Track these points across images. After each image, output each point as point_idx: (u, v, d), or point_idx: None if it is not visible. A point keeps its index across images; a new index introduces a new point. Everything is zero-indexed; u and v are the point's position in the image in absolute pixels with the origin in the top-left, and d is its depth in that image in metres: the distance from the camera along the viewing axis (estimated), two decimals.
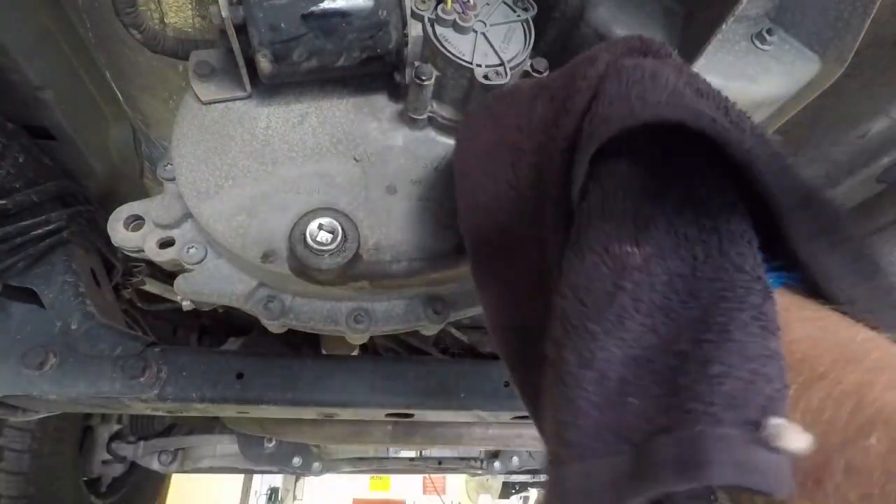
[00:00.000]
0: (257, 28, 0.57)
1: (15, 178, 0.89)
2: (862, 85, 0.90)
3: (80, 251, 1.02)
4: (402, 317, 0.73)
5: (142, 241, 0.69)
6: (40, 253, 0.95)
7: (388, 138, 0.70)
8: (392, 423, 1.58)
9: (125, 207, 0.71)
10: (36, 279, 0.94)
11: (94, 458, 1.90)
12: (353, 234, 0.62)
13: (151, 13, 0.77)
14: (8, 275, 0.91)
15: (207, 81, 0.68)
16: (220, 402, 0.94)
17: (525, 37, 0.67)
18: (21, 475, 1.52)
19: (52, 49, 0.89)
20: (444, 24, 0.64)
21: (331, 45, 0.60)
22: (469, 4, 0.64)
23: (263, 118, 0.69)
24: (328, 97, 0.71)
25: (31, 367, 0.87)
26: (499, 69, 0.63)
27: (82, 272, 1.00)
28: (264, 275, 0.69)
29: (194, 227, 0.70)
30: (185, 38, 0.75)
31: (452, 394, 1.02)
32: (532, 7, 0.69)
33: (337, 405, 0.99)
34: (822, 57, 0.70)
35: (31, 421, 1.51)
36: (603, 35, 0.65)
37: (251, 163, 0.66)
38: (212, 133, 0.67)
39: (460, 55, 0.63)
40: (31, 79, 0.88)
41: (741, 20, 0.69)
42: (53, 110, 0.94)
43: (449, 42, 0.63)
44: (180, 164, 0.66)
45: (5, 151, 0.88)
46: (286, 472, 2.06)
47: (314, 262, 0.60)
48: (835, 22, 0.68)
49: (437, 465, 2.46)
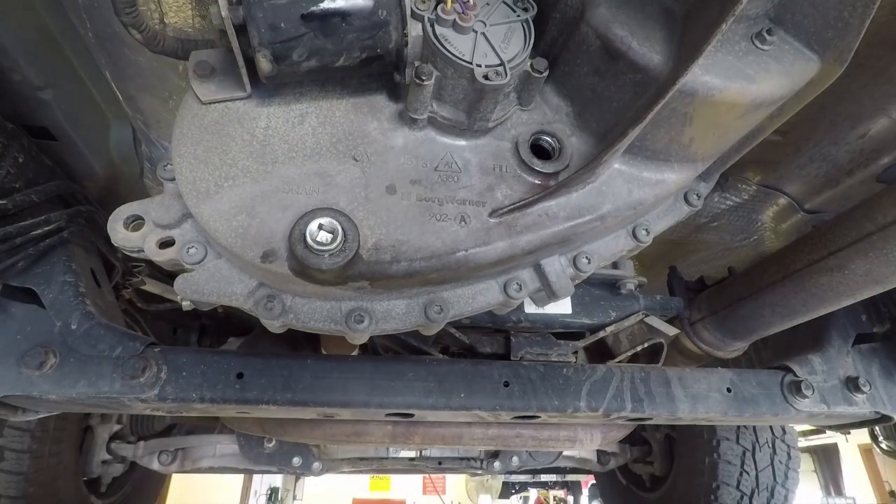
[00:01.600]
0: (257, 28, 0.57)
1: (15, 178, 0.90)
2: (862, 85, 0.90)
3: (80, 251, 1.02)
4: (402, 317, 0.73)
5: (142, 241, 0.69)
6: (40, 253, 0.95)
7: (388, 138, 0.70)
8: (392, 423, 1.58)
9: (125, 207, 0.71)
10: (36, 279, 0.94)
11: (94, 458, 1.90)
12: (353, 234, 0.62)
13: (151, 13, 0.77)
14: (8, 275, 0.91)
15: (207, 81, 0.68)
16: (220, 402, 0.94)
17: (525, 37, 0.67)
18: (21, 475, 1.52)
19: (52, 49, 0.89)
20: (444, 24, 0.64)
21: (331, 45, 0.60)
22: (469, 4, 0.64)
23: (263, 118, 0.69)
24: (328, 97, 0.71)
25: (31, 367, 0.87)
26: (499, 69, 0.63)
27: (82, 272, 1.00)
28: (264, 275, 0.68)
29: (194, 227, 0.70)
30: (185, 38, 0.75)
31: (452, 394, 1.02)
32: (532, 7, 0.69)
33: (337, 405, 0.99)
34: (822, 57, 0.70)
35: (31, 421, 1.51)
36: (603, 35, 0.65)
37: (251, 163, 0.66)
38: (212, 133, 0.67)
39: (460, 55, 0.63)
40: (31, 79, 0.88)
41: (741, 20, 0.69)
42: (53, 110, 0.94)
43: (449, 42, 0.63)
44: (180, 164, 0.66)
45: (5, 151, 0.88)
46: (286, 472, 2.06)
47: (314, 262, 0.60)
48: (835, 22, 0.68)
49: (437, 465, 2.45)
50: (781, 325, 1.13)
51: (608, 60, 0.66)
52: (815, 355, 1.22)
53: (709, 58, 0.64)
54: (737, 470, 2.00)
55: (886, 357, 1.26)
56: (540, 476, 4.75)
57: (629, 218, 0.84)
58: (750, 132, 0.83)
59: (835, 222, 0.97)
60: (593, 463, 2.50)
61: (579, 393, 1.06)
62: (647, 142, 0.74)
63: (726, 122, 0.73)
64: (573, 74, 0.72)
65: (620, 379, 1.09)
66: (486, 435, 1.69)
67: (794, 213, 1.32)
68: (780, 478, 2.05)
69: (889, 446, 3.93)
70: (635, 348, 1.24)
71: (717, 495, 1.99)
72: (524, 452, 2.36)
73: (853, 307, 1.10)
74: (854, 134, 1.03)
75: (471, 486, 7.52)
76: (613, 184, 0.76)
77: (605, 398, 1.06)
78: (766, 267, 1.11)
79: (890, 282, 0.91)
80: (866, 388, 1.18)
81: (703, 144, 0.77)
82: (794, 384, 1.15)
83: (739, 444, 2.03)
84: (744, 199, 1.30)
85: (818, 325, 1.24)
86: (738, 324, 1.21)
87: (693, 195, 0.94)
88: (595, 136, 0.74)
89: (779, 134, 0.90)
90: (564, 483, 6.63)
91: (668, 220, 0.92)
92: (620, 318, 1.21)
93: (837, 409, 1.16)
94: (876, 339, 1.30)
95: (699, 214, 1.28)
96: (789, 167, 1.17)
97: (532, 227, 0.70)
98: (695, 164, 0.81)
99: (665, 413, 1.08)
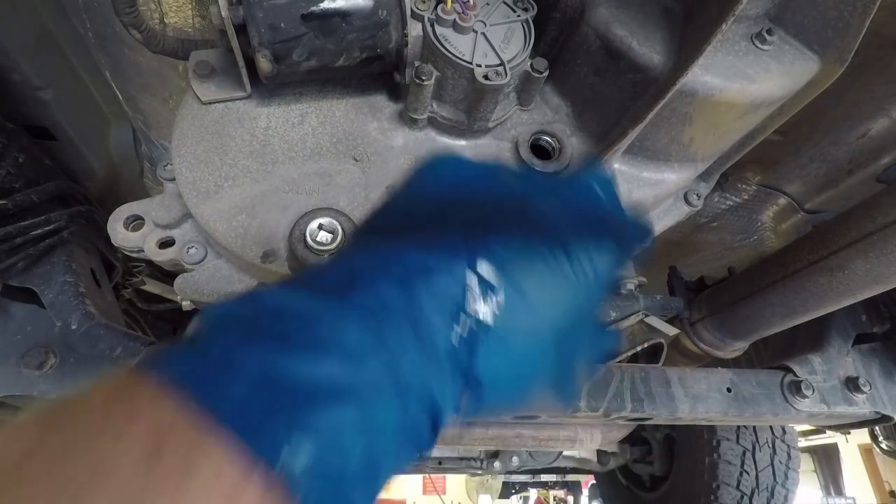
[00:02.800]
0: (257, 28, 0.57)
1: (15, 178, 0.90)
2: (862, 85, 0.90)
3: (80, 251, 1.02)
4: None
5: (142, 241, 0.69)
6: (40, 253, 0.95)
7: (388, 138, 0.70)
8: None
9: (125, 207, 0.71)
10: (36, 279, 0.94)
11: None
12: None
13: (151, 13, 0.77)
14: (8, 275, 0.91)
15: (207, 81, 0.68)
16: None
17: (525, 37, 0.67)
18: None
19: (52, 49, 0.89)
20: (444, 24, 0.64)
21: (331, 45, 0.60)
22: (469, 4, 0.64)
23: (263, 118, 0.69)
24: (328, 97, 0.71)
25: (31, 367, 0.87)
26: (499, 69, 0.63)
27: (82, 272, 1.00)
28: (264, 275, 0.68)
29: (194, 227, 0.70)
30: (185, 38, 0.75)
31: None
32: (532, 7, 0.69)
33: None
34: (822, 57, 0.70)
35: None
36: (603, 35, 0.65)
37: (251, 163, 0.66)
38: (212, 133, 0.67)
39: (460, 55, 0.63)
40: (31, 79, 0.88)
41: (741, 20, 0.69)
42: (53, 110, 0.94)
43: (449, 42, 0.63)
44: (180, 164, 0.66)
45: (5, 151, 0.88)
46: None
47: (314, 261, 0.60)
48: (835, 22, 0.68)
49: (437, 465, 2.45)
50: (781, 325, 1.13)
51: (608, 60, 0.66)
52: (815, 355, 1.21)
53: (709, 58, 0.64)
54: (737, 470, 2.00)
55: (886, 357, 1.26)
56: (540, 476, 4.75)
57: None
58: (750, 132, 0.83)
59: (835, 222, 0.97)
60: (593, 463, 2.50)
61: (579, 393, 1.05)
62: (647, 142, 0.74)
63: (726, 122, 0.73)
64: (573, 74, 0.72)
65: (620, 379, 1.09)
66: (486, 435, 1.69)
67: (794, 213, 1.32)
68: (780, 478, 2.04)
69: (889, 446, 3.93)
70: (635, 348, 1.23)
71: (717, 495, 1.99)
72: (524, 452, 2.36)
73: (853, 307, 1.10)
74: (854, 134, 1.03)
75: (471, 486, 7.52)
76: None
77: (605, 398, 1.06)
78: (766, 267, 1.11)
79: (890, 282, 0.91)
80: (866, 388, 1.18)
81: (703, 144, 0.77)
82: (794, 384, 1.15)
83: (739, 444, 2.03)
84: (744, 199, 1.30)
85: (818, 325, 1.24)
86: (738, 324, 1.21)
87: (693, 195, 0.94)
88: (595, 136, 0.74)
89: (779, 134, 0.90)
90: (564, 483, 6.63)
91: (668, 220, 0.92)
92: (620, 319, 1.21)
93: (837, 409, 1.16)
94: (876, 339, 1.29)
95: (699, 214, 1.27)
96: (789, 167, 1.17)
97: None
98: (695, 164, 0.81)
99: (665, 413, 1.08)
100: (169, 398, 0.25)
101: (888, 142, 1.02)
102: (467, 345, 0.32)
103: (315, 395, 0.26)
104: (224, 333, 0.28)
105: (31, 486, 0.22)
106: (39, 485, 0.22)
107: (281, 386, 0.26)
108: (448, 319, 0.32)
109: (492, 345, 0.33)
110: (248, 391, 0.26)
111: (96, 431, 0.24)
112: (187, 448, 0.24)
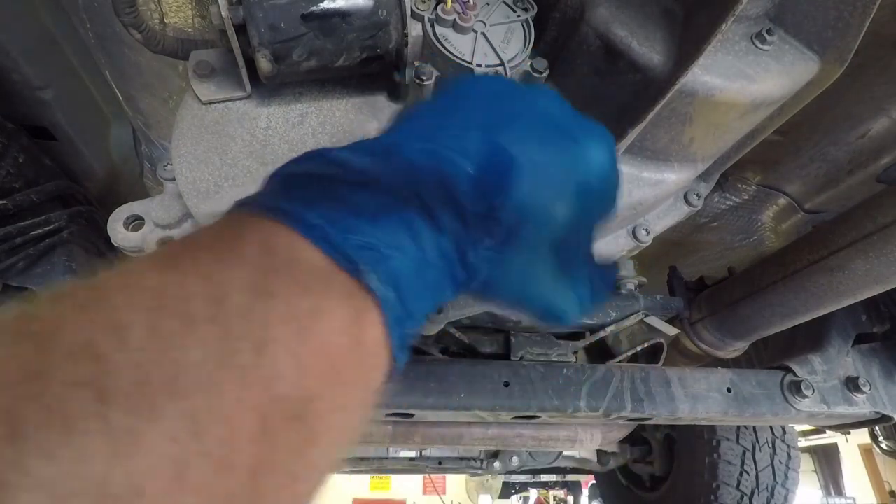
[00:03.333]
0: (257, 28, 0.57)
1: (15, 178, 0.90)
2: (862, 85, 0.90)
3: (80, 251, 1.02)
4: None
5: (142, 241, 0.69)
6: (40, 253, 0.95)
7: None
8: (392, 423, 1.58)
9: (125, 207, 0.71)
10: (36, 279, 0.94)
11: None
12: None
13: (151, 13, 0.77)
14: (8, 275, 0.91)
15: (207, 81, 0.68)
16: None
17: (525, 37, 0.67)
18: None
19: (52, 49, 0.89)
20: (444, 24, 0.64)
21: (331, 45, 0.60)
22: (469, 4, 0.64)
23: (263, 118, 0.69)
24: (328, 97, 0.71)
25: None
26: (499, 69, 0.63)
27: (82, 272, 1.00)
28: None
29: (194, 227, 0.70)
30: (185, 38, 0.75)
31: (452, 394, 1.02)
32: (532, 7, 0.69)
33: None
34: (822, 57, 0.70)
35: None
36: (603, 35, 0.65)
37: (251, 163, 0.66)
38: (212, 133, 0.67)
39: (460, 55, 0.63)
40: (31, 79, 0.88)
41: (741, 20, 0.69)
42: (53, 110, 0.94)
43: (449, 42, 0.63)
44: (180, 164, 0.66)
45: (5, 151, 0.88)
46: None
47: None
48: (835, 22, 0.68)
49: (437, 465, 2.46)
50: (781, 325, 1.13)
51: (608, 60, 0.66)
52: (815, 355, 1.21)
53: (709, 58, 0.64)
54: (737, 470, 2.00)
55: (886, 357, 1.26)
56: (540, 476, 4.75)
57: (629, 218, 0.84)
58: (750, 132, 0.83)
59: (835, 222, 0.97)
60: (593, 463, 2.50)
61: (579, 393, 1.06)
62: (647, 142, 0.74)
63: (726, 122, 0.73)
64: (573, 74, 0.72)
65: (620, 379, 1.09)
66: (486, 435, 1.69)
67: (794, 213, 1.32)
68: (780, 478, 2.05)
69: (889, 446, 3.94)
70: (635, 348, 1.24)
71: (717, 495, 1.99)
72: (524, 452, 2.36)
73: (853, 307, 1.10)
74: (854, 134, 1.03)
75: (471, 486, 7.52)
76: None
77: (605, 398, 1.06)
78: (766, 267, 1.11)
79: (890, 282, 0.91)
80: (866, 388, 1.18)
81: (703, 144, 0.77)
82: (794, 384, 1.15)
83: (739, 444, 2.03)
84: (744, 199, 1.30)
85: (818, 325, 1.24)
86: (738, 324, 1.21)
87: (693, 195, 0.94)
88: None
89: (779, 134, 0.90)
90: (564, 483, 6.63)
91: (668, 220, 0.92)
92: (620, 318, 1.21)
93: (837, 409, 1.16)
94: (876, 339, 1.29)
95: (699, 214, 1.27)
96: (789, 167, 1.17)
97: None
98: (695, 164, 0.81)
99: (665, 413, 1.08)
100: (275, 224, 0.31)
101: (888, 142, 1.02)
102: (487, 209, 0.38)
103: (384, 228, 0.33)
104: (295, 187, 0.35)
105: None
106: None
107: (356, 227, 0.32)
108: (473, 189, 0.37)
109: (509, 208, 0.38)
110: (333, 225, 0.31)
111: (213, 253, 0.29)
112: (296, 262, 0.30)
